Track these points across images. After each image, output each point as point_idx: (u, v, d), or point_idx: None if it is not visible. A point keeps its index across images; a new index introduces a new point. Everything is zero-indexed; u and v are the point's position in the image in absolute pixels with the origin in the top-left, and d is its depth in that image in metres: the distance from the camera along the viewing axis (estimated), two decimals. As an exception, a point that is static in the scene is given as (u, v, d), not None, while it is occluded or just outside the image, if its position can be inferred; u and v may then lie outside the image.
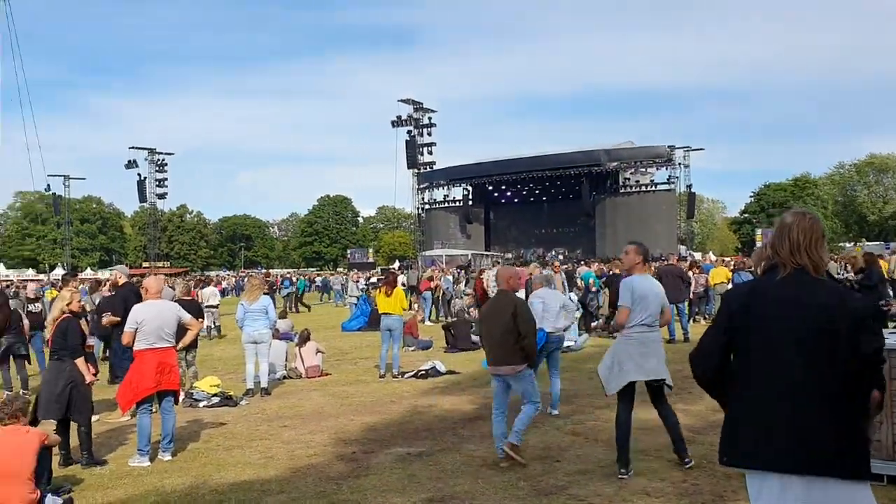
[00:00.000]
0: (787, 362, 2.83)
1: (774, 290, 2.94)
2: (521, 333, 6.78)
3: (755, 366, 2.90)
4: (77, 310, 7.92)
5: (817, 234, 2.96)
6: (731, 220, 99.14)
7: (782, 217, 3.06)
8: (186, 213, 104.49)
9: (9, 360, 11.94)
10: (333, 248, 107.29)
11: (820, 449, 2.74)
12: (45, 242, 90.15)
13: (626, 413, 6.50)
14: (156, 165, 68.45)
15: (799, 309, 2.85)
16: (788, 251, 2.94)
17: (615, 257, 25.38)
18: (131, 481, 6.82)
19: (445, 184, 66.22)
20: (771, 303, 2.92)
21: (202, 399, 10.36)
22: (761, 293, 2.99)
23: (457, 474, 6.61)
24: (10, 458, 5.82)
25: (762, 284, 3.05)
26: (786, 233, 2.96)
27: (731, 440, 2.95)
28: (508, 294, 7.16)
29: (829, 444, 2.74)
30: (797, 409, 2.79)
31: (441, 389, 11.12)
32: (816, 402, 2.77)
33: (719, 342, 3.04)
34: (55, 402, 7.34)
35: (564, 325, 9.37)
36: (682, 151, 57.33)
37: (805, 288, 2.90)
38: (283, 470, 6.99)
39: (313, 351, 13.01)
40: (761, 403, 2.86)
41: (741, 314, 2.98)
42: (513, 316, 6.80)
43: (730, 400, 3.00)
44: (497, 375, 7.03)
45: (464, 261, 44.95)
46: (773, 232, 3.06)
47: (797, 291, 2.90)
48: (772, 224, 10.63)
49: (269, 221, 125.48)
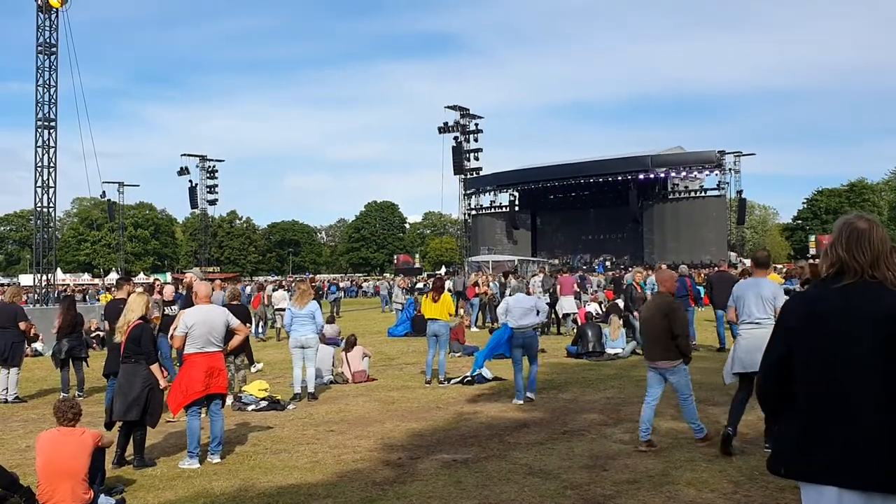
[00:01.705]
0: (851, 375, 2.71)
1: (836, 301, 2.80)
2: (675, 333, 7.43)
3: (818, 378, 2.79)
4: (151, 317, 8.10)
5: (890, 244, 2.82)
6: (784, 226, 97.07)
7: (850, 221, 2.89)
8: (236, 218, 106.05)
9: (69, 362, 12.24)
10: (380, 254, 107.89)
11: (881, 464, 2.62)
12: (99, 247, 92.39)
13: (740, 395, 7.35)
14: (206, 172, 69.56)
15: (863, 321, 2.72)
16: (871, 260, 2.79)
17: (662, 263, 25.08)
18: (181, 483, 6.93)
19: (492, 189, 66.20)
20: (832, 316, 2.78)
21: (250, 403, 10.48)
22: (821, 306, 2.85)
23: (503, 482, 6.56)
24: (69, 458, 5.97)
25: (823, 296, 2.89)
26: (865, 239, 2.81)
27: (789, 451, 2.86)
28: (665, 296, 7.87)
29: (890, 460, 2.61)
30: (860, 422, 2.67)
31: (487, 396, 11.08)
32: (881, 416, 2.65)
33: (779, 354, 2.93)
34: (134, 404, 7.47)
35: (530, 324, 10.82)
36: (733, 156, 56.29)
37: (874, 296, 2.76)
38: (329, 474, 7.02)
39: (360, 356, 13.07)
40: (823, 416, 2.76)
41: (795, 329, 2.87)
42: (665, 317, 7.45)
43: (790, 411, 2.89)
44: (654, 368, 7.69)
45: (510, 266, 44.76)
46: (837, 237, 2.87)
47: (861, 302, 2.76)
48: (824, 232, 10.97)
49: (316, 227, 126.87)
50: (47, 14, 24.91)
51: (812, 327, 2.82)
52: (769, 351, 3.00)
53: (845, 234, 2.84)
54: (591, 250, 62.45)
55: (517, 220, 64.60)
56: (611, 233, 62.81)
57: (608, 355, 14.69)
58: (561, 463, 7.12)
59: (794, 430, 2.85)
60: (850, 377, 2.71)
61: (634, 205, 56.20)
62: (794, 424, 2.85)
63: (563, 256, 61.32)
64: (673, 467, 6.83)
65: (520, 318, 10.71)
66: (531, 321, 10.87)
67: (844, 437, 2.69)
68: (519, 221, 64.76)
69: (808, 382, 2.81)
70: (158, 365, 7.85)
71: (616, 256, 58.92)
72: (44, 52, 24.96)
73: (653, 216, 57.36)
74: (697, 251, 52.10)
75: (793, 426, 2.85)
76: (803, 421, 2.81)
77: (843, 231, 2.86)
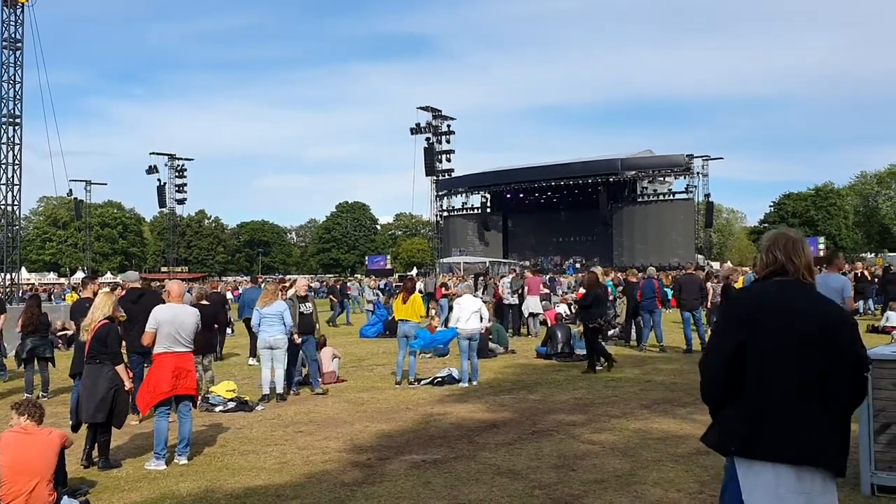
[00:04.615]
0: (794, 364, 3.05)
1: (780, 296, 3.18)
2: None
3: (765, 367, 3.09)
4: (116, 315, 7.96)
5: None
6: (751, 229, 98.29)
7: (784, 232, 3.33)
8: (205, 218, 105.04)
9: (34, 362, 12.04)
10: (351, 255, 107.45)
11: (818, 443, 3.00)
12: (66, 247, 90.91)
13: None
14: (175, 171, 68.92)
15: (804, 315, 3.11)
16: (805, 264, 3.23)
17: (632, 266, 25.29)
18: (147, 484, 6.85)
19: (464, 191, 66.40)
20: (779, 309, 3.14)
21: (218, 404, 10.39)
22: (769, 300, 3.21)
23: (472, 482, 6.59)
24: (35, 458, 5.89)
25: (768, 290, 3.26)
26: (800, 247, 3.25)
27: (740, 431, 3.12)
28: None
29: (826, 439, 3.01)
30: (797, 405, 3.03)
31: (456, 397, 11.10)
32: (813, 400, 3.02)
33: (729, 345, 3.18)
34: (101, 406, 7.37)
35: (475, 327, 12.01)
36: (701, 160, 56.90)
37: (808, 296, 3.19)
38: (297, 476, 6.99)
39: (329, 357, 13.02)
40: (770, 399, 3.07)
41: (749, 320, 3.16)
42: None
43: (740, 395, 3.16)
44: None
45: (482, 268, 44.85)
46: (773, 244, 3.29)
47: (801, 299, 3.17)
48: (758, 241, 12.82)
49: (287, 228, 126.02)
50: (13, 9, 24.61)
51: (761, 318, 3.15)
52: (722, 341, 3.27)
53: (783, 241, 3.28)
54: (562, 252, 62.80)
55: (489, 222, 64.77)
56: (581, 235, 63.21)
57: (577, 356, 14.77)
58: (529, 463, 7.16)
59: (745, 412, 3.12)
60: (792, 364, 3.06)
61: (604, 207, 56.63)
62: (745, 407, 3.12)
63: (534, 258, 61.52)
64: (640, 467, 6.90)
65: (467, 321, 11.91)
66: (476, 325, 12.01)
67: (786, 418, 3.04)
68: (490, 223, 64.93)
69: (758, 368, 3.10)
70: (124, 366, 7.76)
71: (586, 258, 59.22)
72: (9, 47, 24.61)
73: (622, 219, 57.84)
74: (666, 254, 52.65)
75: (743, 409, 3.13)
76: (755, 403, 3.10)
77: (779, 239, 3.30)
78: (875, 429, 5.85)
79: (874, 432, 5.85)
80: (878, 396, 5.86)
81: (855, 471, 6.09)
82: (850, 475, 6.22)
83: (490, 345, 15.64)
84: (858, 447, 5.94)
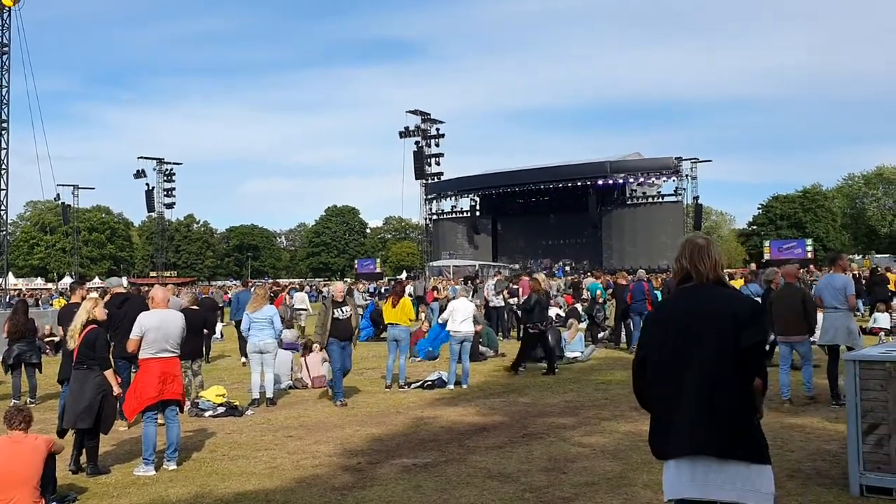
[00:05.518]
0: (695, 362, 3.26)
1: (686, 301, 3.44)
2: (808, 311, 9.65)
3: (671, 369, 3.33)
4: (102, 319, 7.90)
5: (723, 256, 3.61)
6: (739, 231, 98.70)
7: (690, 239, 3.55)
8: (193, 222, 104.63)
9: (20, 367, 11.96)
10: (341, 259, 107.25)
11: (722, 434, 3.18)
12: (54, 251, 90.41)
13: (830, 362, 9.63)
14: (164, 175, 68.50)
15: (705, 315, 3.31)
16: (711, 266, 3.42)
17: (622, 268, 25.34)
18: (136, 490, 6.82)
19: (453, 195, 66.40)
20: (684, 312, 3.39)
21: (207, 409, 10.36)
22: (675, 306, 3.54)
23: (462, 486, 6.58)
24: (22, 464, 5.85)
25: (676, 296, 3.55)
26: (705, 252, 3.43)
27: (658, 436, 3.39)
28: (794, 285, 10.25)
29: (728, 429, 3.18)
30: (699, 401, 3.22)
31: (447, 400, 11.09)
32: (715, 395, 3.21)
33: (639, 357, 3.52)
34: (87, 411, 7.30)
35: (469, 330, 12.16)
36: (690, 163, 57.12)
37: (711, 296, 3.38)
38: (287, 480, 6.97)
39: (319, 361, 12.99)
40: (674, 399, 3.30)
41: (656, 331, 3.47)
42: (802, 301, 9.71)
43: (653, 402, 3.45)
44: (785, 343, 9.82)
45: (471, 271, 44.87)
46: (681, 252, 3.49)
47: (706, 299, 3.37)
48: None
49: (276, 232, 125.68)
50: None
51: (669, 323, 3.42)
52: (640, 348, 3.59)
53: (689, 249, 3.47)
54: (551, 255, 62.86)
55: (478, 225, 64.82)
56: (570, 238, 63.33)
57: (567, 359, 14.79)
58: (520, 466, 7.17)
59: (657, 417, 3.43)
60: (695, 363, 3.26)
61: (593, 210, 56.83)
62: (657, 412, 3.42)
63: (523, 261, 61.63)
64: (630, 469, 6.91)
65: (461, 323, 11.99)
66: (471, 328, 12.17)
67: (688, 413, 3.24)
68: (480, 226, 64.99)
69: (662, 375, 3.36)
70: (112, 371, 7.72)
71: (575, 261, 59.39)
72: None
73: (611, 221, 58.07)
74: (655, 256, 52.81)
75: (657, 414, 3.43)
76: (663, 408, 3.37)
77: (686, 246, 3.50)
78: (863, 429, 5.87)
79: (862, 433, 5.87)
80: (866, 397, 5.88)
81: (844, 471, 6.14)
82: (839, 475, 6.29)
83: (480, 348, 15.63)
84: (847, 448, 5.98)
